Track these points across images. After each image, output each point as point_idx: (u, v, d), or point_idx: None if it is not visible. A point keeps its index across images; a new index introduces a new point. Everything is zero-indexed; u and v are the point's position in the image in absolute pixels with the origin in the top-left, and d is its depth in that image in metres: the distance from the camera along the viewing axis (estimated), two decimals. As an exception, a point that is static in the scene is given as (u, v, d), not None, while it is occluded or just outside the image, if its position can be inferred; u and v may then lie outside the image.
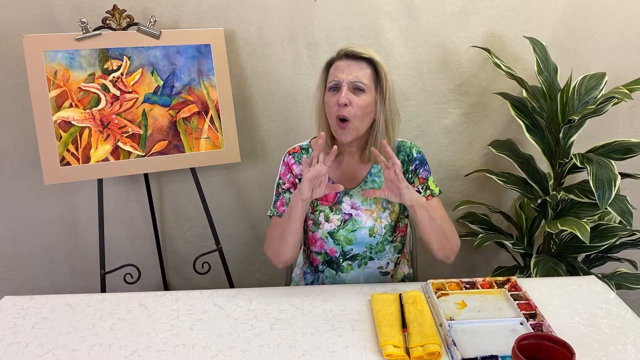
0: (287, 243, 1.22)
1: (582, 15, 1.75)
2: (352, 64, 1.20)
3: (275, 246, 1.25)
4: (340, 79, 1.19)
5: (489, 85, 1.84)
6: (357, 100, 1.19)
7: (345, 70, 1.20)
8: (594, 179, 1.41)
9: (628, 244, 1.70)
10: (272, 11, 1.72)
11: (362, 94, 1.20)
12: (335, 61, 1.24)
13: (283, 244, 1.23)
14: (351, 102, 1.18)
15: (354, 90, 1.19)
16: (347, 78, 1.19)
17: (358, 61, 1.21)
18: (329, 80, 1.23)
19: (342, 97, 1.17)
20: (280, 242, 1.23)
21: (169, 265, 2.07)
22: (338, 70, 1.21)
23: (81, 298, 1.21)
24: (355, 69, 1.20)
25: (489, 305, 1.12)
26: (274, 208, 1.33)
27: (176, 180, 1.92)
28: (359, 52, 1.20)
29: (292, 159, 1.34)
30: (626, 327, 1.06)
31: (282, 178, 1.34)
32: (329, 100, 1.22)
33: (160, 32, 1.62)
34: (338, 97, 1.18)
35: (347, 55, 1.21)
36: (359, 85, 1.19)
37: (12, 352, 1.01)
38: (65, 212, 1.93)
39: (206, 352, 1.00)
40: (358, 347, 1.01)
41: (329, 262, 1.35)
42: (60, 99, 1.56)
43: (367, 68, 1.21)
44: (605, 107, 1.55)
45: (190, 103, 1.68)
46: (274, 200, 1.34)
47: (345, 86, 1.19)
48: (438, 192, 1.34)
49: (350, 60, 1.21)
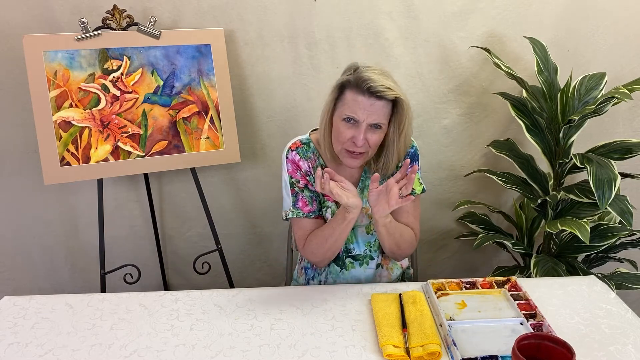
0: (339, 247, 1.25)
1: (582, 15, 1.75)
2: (375, 103, 1.13)
3: (323, 253, 1.25)
4: (361, 119, 1.14)
5: (489, 85, 1.84)
6: (374, 138, 1.18)
7: (367, 110, 1.13)
8: (594, 179, 1.41)
9: (628, 244, 1.70)
10: (272, 11, 1.72)
11: (379, 130, 1.18)
12: (353, 90, 1.14)
13: (333, 250, 1.25)
14: (368, 141, 1.17)
15: (372, 127, 1.17)
16: (369, 120, 1.14)
17: (381, 100, 1.14)
18: (345, 111, 1.16)
19: (360, 139, 1.15)
20: (332, 249, 1.24)
21: (169, 265, 2.07)
22: (358, 106, 1.14)
23: (81, 298, 1.21)
24: (377, 110, 1.14)
25: (489, 305, 1.12)
26: (295, 209, 1.28)
27: (176, 180, 1.92)
28: (385, 93, 1.12)
29: (296, 154, 1.30)
30: (626, 327, 1.06)
31: (293, 176, 1.29)
32: (344, 131, 1.18)
33: (160, 32, 1.62)
34: (355, 135, 1.15)
35: (370, 91, 1.12)
36: (379, 125, 1.17)
37: (12, 352, 1.01)
38: (65, 212, 1.93)
39: (206, 352, 1.00)
40: (358, 347, 1.01)
41: (335, 258, 1.35)
42: (60, 99, 1.56)
43: (387, 106, 1.16)
44: (605, 107, 1.55)
45: (190, 103, 1.68)
46: (292, 201, 1.29)
47: (364, 127, 1.15)
48: (420, 191, 1.34)
49: (373, 99, 1.13)
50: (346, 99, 1.17)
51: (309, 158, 1.31)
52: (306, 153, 1.31)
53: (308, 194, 1.29)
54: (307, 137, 1.34)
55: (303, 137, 1.35)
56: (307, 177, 1.30)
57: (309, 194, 1.30)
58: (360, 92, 1.13)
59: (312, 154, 1.32)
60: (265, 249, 2.08)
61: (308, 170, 1.30)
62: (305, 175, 1.30)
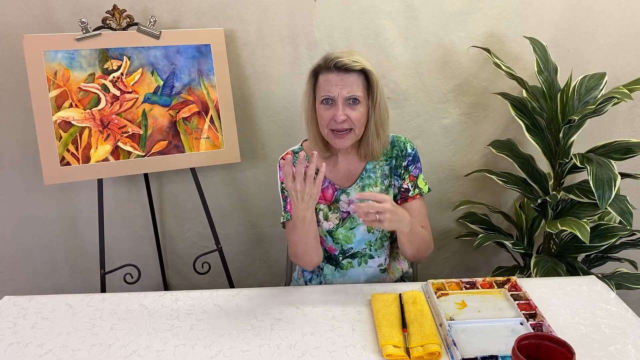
0: (311, 248, 1.25)
1: (582, 15, 1.75)
2: (345, 77, 1.17)
3: (302, 255, 1.26)
4: (335, 95, 1.18)
5: (489, 85, 1.84)
6: (354, 114, 1.19)
7: (338, 84, 1.17)
8: (594, 179, 1.41)
9: (628, 244, 1.70)
10: (272, 11, 1.72)
11: (357, 105, 1.20)
12: (324, 72, 1.20)
13: (308, 252, 1.25)
14: (348, 117, 1.18)
15: (349, 103, 1.19)
16: (342, 93, 1.17)
17: (350, 73, 1.17)
18: (320, 93, 1.21)
19: (340, 114, 1.17)
20: (306, 250, 1.25)
21: (169, 265, 2.07)
22: (330, 84, 1.18)
23: (81, 298, 1.21)
24: (349, 82, 1.17)
25: (489, 305, 1.12)
26: (286, 213, 1.32)
27: (176, 180, 1.92)
28: (350, 64, 1.16)
29: None
30: (626, 327, 1.06)
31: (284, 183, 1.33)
32: (323, 113, 1.21)
33: (160, 32, 1.62)
34: (334, 113, 1.18)
35: (337, 67, 1.17)
36: (354, 98, 1.19)
37: (12, 352, 1.01)
38: (65, 212, 1.93)
39: (206, 352, 1.00)
40: (358, 347, 1.01)
41: (329, 259, 1.36)
42: (60, 99, 1.56)
43: (359, 78, 1.19)
44: (605, 107, 1.55)
45: (190, 103, 1.68)
46: (283, 206, 1.33)
47: (340, 101, 1.18)
48: (427, 190, 1.34)
49: (342, 74, 1.17)
50: (320, 82, 1.22)
51: None
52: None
53: None
54: (299, 146, 1.38)
55: (295, 147, 1.39)
56: None
57: None
58: (330, 71, 1.18)
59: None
60: (265, 249, 2.08)
61: None
62: None
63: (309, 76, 1.25)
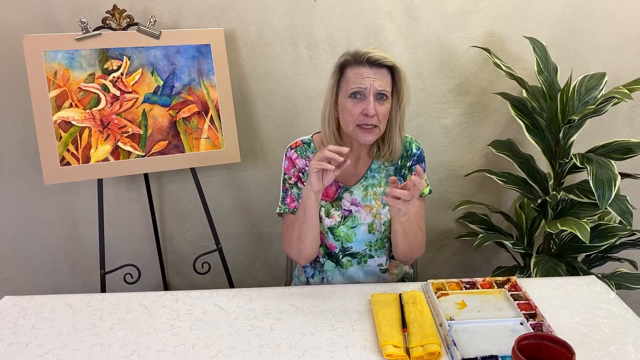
0: (306, 238, 1.22)
1: (582, 15, 1.75)
2: (377, 71, 1.18)
3: (296, 244, 1.24)
4: (367, 88, 1.18)
5: (489, 85, 1.84)
6: (382, 109, 1.19)
7: (370, 77, 1.18)
8: (594, 179, 1.41)
9: (628, 244, 1.70)
10: (272, 11, 1.72)
11: (385, 101, 1.20)
12: (353, 65, 1.20)
13: (302, 240, 1.23)
14: (377, 112, 1.18)
15: (378, 98, 1.19)
16: (375, 85, 1.17)
17: (381, 68, 1.19)
18: (350, 86, 1.19)
19: (371, 108, 1.17)
20: (300, 238, 1.23)
21: (169, 265, 2.07)
22: (362, 77, 1.18)
23: (81, 298, 1.21)
24: (381, 76, 1.19)
25: (489, 305, 1.12)
26: (283, 205, 1.32)
27: (176, 180, 1.92)
28: (383, 60, 1.18)
29: (294, 153, 1.33)
30: (626, 327, 1.06)
31: (287, 173, 1.33)
32: (352, 107, 1.20)
33: (160, 32, 1.62)
34: (365, 107, 1.17)
35: (369, 61, 1.18)
36: (383, 94, 1.19)
37: (12, 352, 1.01)
38: (65, 212, 1.93)
39: (206, 352, 1.00)
40: (358, 347, 1.01)
41: (329, 255, 1.36)
42: (60, 99, 1.56)
43: (388, 75, 1.21)
44: (605, 107, 1.55)
45: (190, 103, 1.68)
46: (282, 197, 1.33)
47: (372, 95, 1.18)
48: (427, 192, 1.35)
49: (374, 68, 1.18)
50: (348, 75, 1.21)
51: (307, 157, 1.32)
52: (305, 152, 1.33)
53: (296, 191, 1.31)
54: (309, 137, 1.37)
55: (305, 137, 1.37)
56: (301, 174, 1.32)
57: (297, 192, 1.31)
58: (361, 65, 1.18)
59: (312, 153, 1.33)
60: (265, 249, 2.08)
61: (302, 168, 1.32)
62: (299, 172, 1.32)
63: (334, 71, 1.24)
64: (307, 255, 1.27)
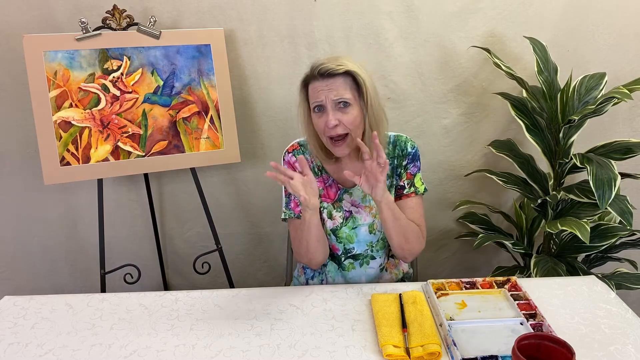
0: (316, 249, 1.24)
1: (582, 15, 1.75)
2: (330, 82, 1.17)
3: (305, 255, 1.25)
4: (323, 100, 1.17)
5: (489, 85, 1.83)
6: (346, 117, 1.18)
7: (324, 90, 1.17)
8: (594, 179, 1.41)
9: (628, 244, 1.70)
10: (272, 11, 1.72)
11: (349, 107, 1.18)
12: (311, 80, 1.20)
13: (312, 251, 1.24)
14: (341, 121, 1.17)
15: (340, 107, 1.18)
16: (330, 97, 1.16)
17: (335, 77, 1.17)
18: (311, 101, 1.21)
19: (331, 120, 1.16)
20: (309, 250, 1.24)
21: (169, 265, 2.07)
22: (316, 91, 1.18)
23: (81, 298, 1.21)
24: (335, 86, 1.16)
25: (489, 305, 1.12)
26: (288, 210, 1.31)
27: (176, 180, 1.92)
28: (334, 69, 1.16)
29: (292, 156, 1.34)
30: (626, 327, 1.06)
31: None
32: (317, 121, 1.21)
33: (160, 32, 1.62)
34: (326, 119, 1.17)
35: (320, 73, 1.17)
36: (344, 101, 1.17)
37: (12, 352, 1.01)
38: (65, 212, 1.93)
39: (206, 352, 1.00)
40: (358, 347, 1.01)
41: (332, 257, 1.36)
42: (60, 99, 1.56)
43: (345, 81, 1.18)
44: (605, 107, 1.55)
45: (190, 103, 1.68)
46: (285, 202, 1.33)
47: (329, 106, 1.17)
48: (422, 191, 1.33)
49: (327, 79, 1.17)
50: (309, 91, 1.22)
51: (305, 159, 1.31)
52: (302, 154, 1.33)
53: None
54: (304, 139, 1.36)
55: (301, 139, 1.37)
56: None
57: None
58: (316, 78, 1.19)
59: (310, 155, 1.33)
60: (265, 249, 2.08)
61: None
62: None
63: (300, 88, 1.25)
64: (319, 260, 1.28)
